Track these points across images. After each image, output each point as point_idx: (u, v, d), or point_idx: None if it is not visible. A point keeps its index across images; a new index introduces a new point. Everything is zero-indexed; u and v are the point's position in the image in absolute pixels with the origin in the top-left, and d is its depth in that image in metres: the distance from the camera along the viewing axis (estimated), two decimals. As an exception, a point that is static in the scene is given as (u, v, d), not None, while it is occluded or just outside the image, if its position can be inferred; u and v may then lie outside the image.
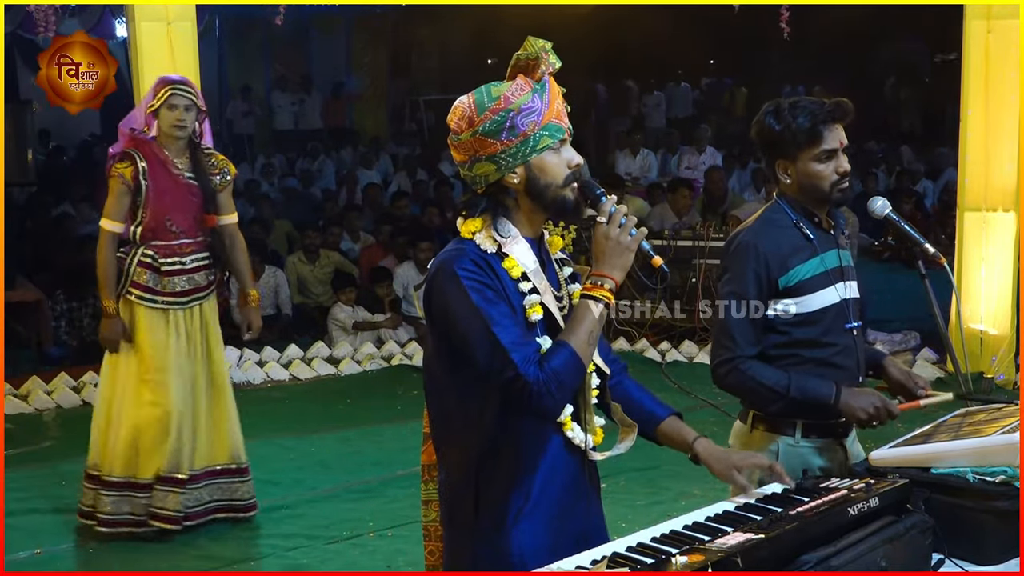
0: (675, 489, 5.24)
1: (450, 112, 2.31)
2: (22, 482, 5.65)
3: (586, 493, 2.43)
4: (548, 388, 2.19)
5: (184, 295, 4.83)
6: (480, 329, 2.20)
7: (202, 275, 4.88)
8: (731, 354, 2.83)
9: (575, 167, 2.30)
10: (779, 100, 2.92)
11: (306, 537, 4.90)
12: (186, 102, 4.73)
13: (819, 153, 2.83)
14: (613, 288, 2.26)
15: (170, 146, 4.78)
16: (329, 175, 13.59)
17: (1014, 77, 6.73)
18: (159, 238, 4.79)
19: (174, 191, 4.78)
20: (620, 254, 2.24)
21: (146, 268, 4.79)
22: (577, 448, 2.36)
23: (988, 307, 7.11)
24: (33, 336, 8.52)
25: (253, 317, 5.06)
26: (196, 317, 4.87)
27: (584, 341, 2.24)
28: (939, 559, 2.30)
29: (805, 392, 2.79)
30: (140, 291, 4.79)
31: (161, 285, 4.79)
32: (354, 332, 8.57)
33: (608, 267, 2.25)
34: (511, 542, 2.30)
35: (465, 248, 2.29)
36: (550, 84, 2.29)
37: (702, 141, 12.70)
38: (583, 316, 2.25)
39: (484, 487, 2.32)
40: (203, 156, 4.87)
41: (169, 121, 4.72)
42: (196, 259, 4.85)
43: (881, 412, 2.77)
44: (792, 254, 2.85)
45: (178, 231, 4.81)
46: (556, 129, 2.28)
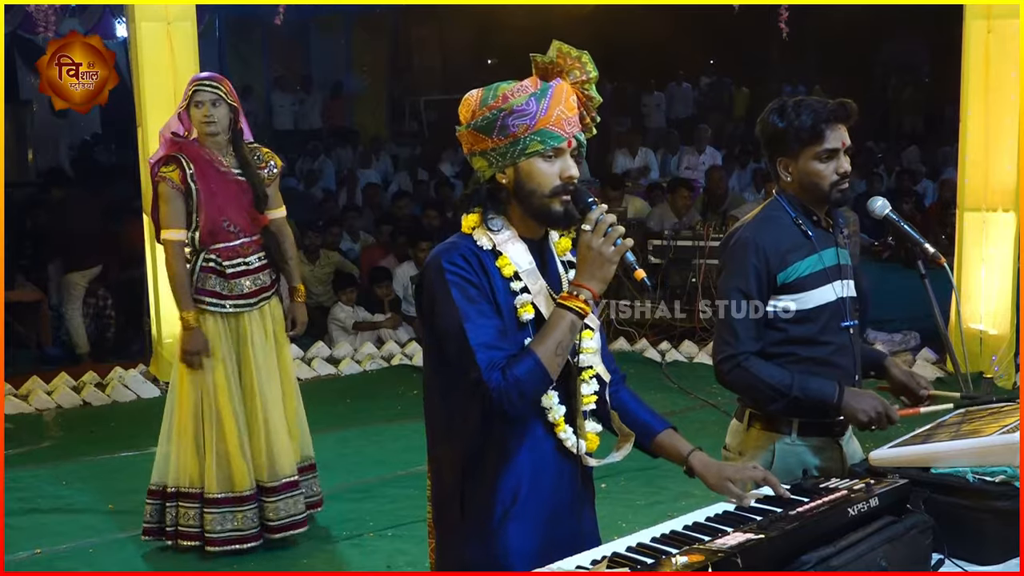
0: (675, 489, 5.24)
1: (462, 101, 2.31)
2: (22, 482, 5.66)
3: (579, 498, 2.41)
4: (508, 396, 2.16)
5: (252, 296, 4.67)
6: (455, 326, 2.20)
7: (266, 273, 4.72)
8: (733, 350, 2.83)
9: (568, 179, 2.24)
10: (784, 98, 2.93)
11: (306, 537, 4.89)
12: (212, 97, 4.53)
13: (820, 152, 2.84)
14: (589, 299, 2.21)
15: (211, 145, 4.59)
16: (329, 175, 13.58)
17: (1014, 77, 6.73)
18: (219, 240, 4.59)
19: (226, 190, 4.59)
20: (600, 265, 2.19)
21: (211, 272, 4.60)
22: (570, 452, 2.35)
23: (988, 307, 7.11)
24: (33, 336, 8.53)
25: (299, 313, 4.91)
26: (268, 316, 4.74)
27: (551, 351, 2.18)
28: (939, 559, 2.30)
29: (808, 391, 2.79)
30: (209, 296, 4.61)
31: (228, 288, 4.61)
32: (354, 332, 8.58)
33: (587, 277, 2.20)
34: (497, 543, 2.29)
35: (459, 243, 2.28)
36: (556, 91, 2.23)
37: (702, 141, 12.71)
38: (554, 325, 2.20)
39: (470, 487, 2.31)
40: (248, 151, 4.67)
41: (197, 119, 4.56)
42: (259, 257, 4.69)
43: (882, 416, 2.77)
44: (791, 250, 2.86)
45: (236, 231, 4.62)
46: (551, 136, 2.22)
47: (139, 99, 6.94)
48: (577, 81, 2.27)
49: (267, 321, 4.73)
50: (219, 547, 4.58)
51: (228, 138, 4.64)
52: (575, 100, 2.27)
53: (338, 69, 16.52)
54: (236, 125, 4.65)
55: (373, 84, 16.54)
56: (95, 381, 7.47)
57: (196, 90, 4.56)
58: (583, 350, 2.36)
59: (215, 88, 4.56)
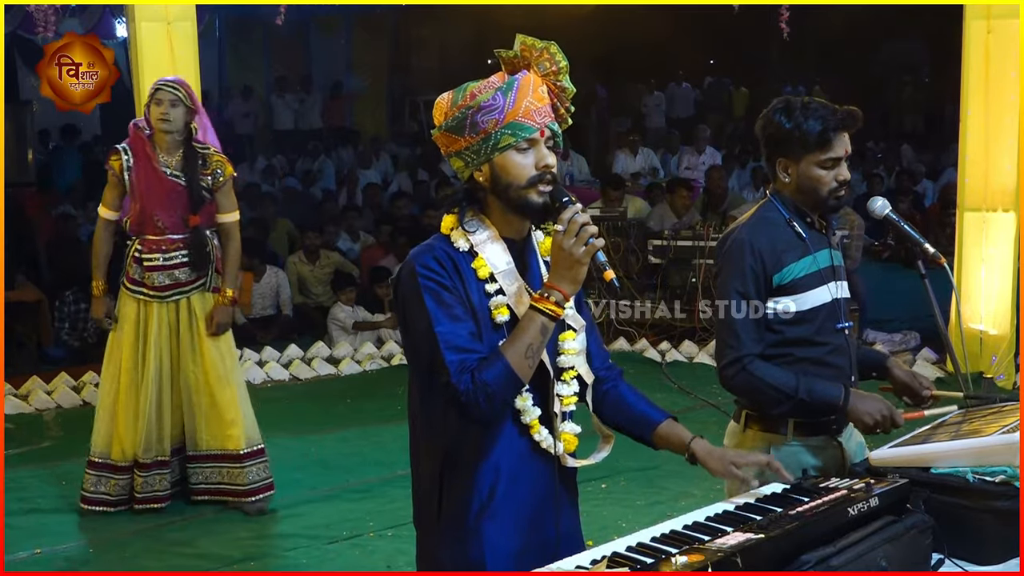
0: (675, 489, 5.24)
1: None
2: (22, 482, 5.66)
3: (558, 498, 2.37)
4: (476, 399, 2.15)
5: (164, 289, 5.01)
6: (426, 329, 2.19)
7: (184, 271, 5.04)
8: (737, 353, 2.81)
9: (544, 168, 2.22)
10: (789, 98, 2.90)
11: (306, 537, 4.90)
12: (171, 97, 4.90)
13: (824, 160, 2.83)
14: (560, 301, 2.17)
15: (161, 143, 4.95)
16: (329, 175, 13.58)
17: (1014, 77, 6.73)
18: (146, 232, 5.00)
19: (157, 187, 4.94)
20: (570, 266, 2.15)
21: (133, 261, 5.03)
22: (547, 452, 2.33)
23: (988, 307, 7.11)
24: (33, 336, 8.53)
25: (217, 314, 5.09)
26: (184, 311, 5.04)
27: (521, 354, 2.16)
28: (939, 559, 2.30)
29: (813, 394, 2.78)
30: (129, 282, 5.05)
31: (143, 278, 5.01)
32: (354, 332, 8.58)
33: (558, 278, 2.17)
34: (472, 544, 2.28)
35: (434, 246, 2.27)
36: (523, 83, 2.22)
37: (702, 141, 12.71)
38: (524, 328, 2.17)
39: (447, 488, 2.31)
40: (195, 155, 4.98)
41: (155, 116, 4.90)
42: (182, 255, 5.02)
43: (887, 419, 2.77)
44: (786, 251, 2.85)
45: (163, 227, 4.98)
46: (521, 128, 2.20)
47: (139, 99, 6.93)
48: (548, 72, 2.26)
49: (182, 314, 5.04)
50: (87, 505, 5.12)
51: (179, 139, 4.97)
52: (545, 91, 2.26)
53: (338, 69, 16.52)
54: (194, 128, 5.00)
55: (373, 84, 16.54)
56: (95, 381, 7.45)
57: (157, 89, 4.94)
58: (564, 351, 2.34)
59: (175, 90, 4.93)
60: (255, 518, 5.10)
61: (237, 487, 5.14)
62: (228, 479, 5.16)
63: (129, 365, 5.02)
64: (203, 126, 5.09)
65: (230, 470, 5.15)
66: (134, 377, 5.03)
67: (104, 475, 5.10)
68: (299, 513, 5.22)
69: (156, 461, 5.07)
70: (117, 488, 5.09)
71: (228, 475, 5.15)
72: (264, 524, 5.07)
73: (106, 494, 5.09)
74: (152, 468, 5.07)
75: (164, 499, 5.13)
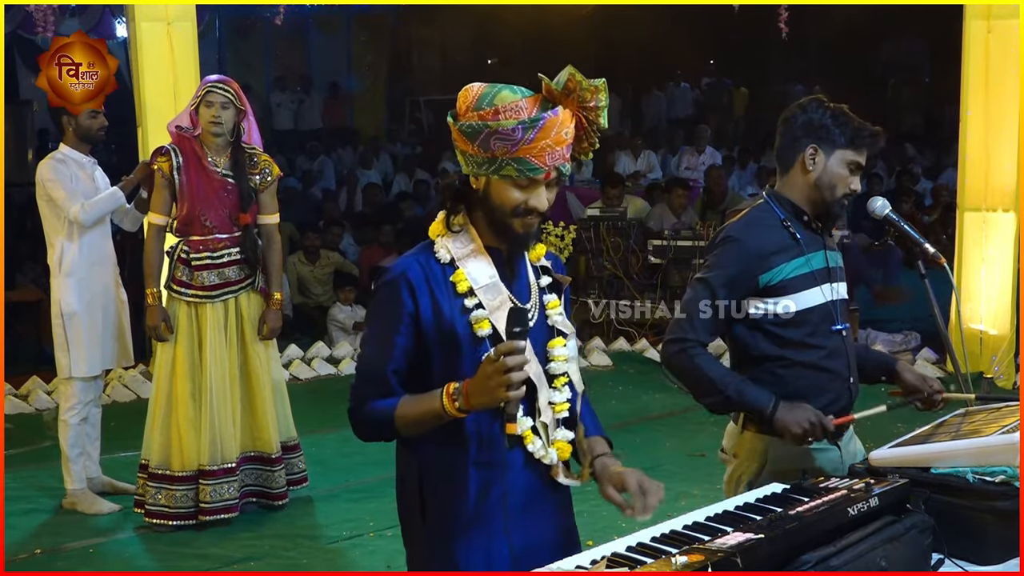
0: (675, 489, 5.24)
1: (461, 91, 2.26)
2: (22, 482, 5.66)
3: (548, 504, 2.37)
4: (359, 428, 2.31)
5: (214, 288, 4.94)
6: (363, 342, 2.35)
7: (235, 269, 4.98)
8: (685, 335, 2.81)
9: (530, 208, 2.21)
10: (820, 97, 2.92)
11: (306, 537, 4.90)
12: (222, 99, 4.86)
13: (852, 161, 2.85)
14: (463, 409, 2.14)
15: (210, 143, 4.92)
16: (329, 175, 13.58)
17: (1014, 77, 6.73)
18: (193, 232, 4.92)
19: (207, 187, 4.90)
20: (484, 396, 2.11)
21: (180, 262, 4.95)
22: (532, 459, 2.31)
23: (988, 307, 7.12)
24: (33, 336, 8.52)
25: (270, 318, 5.08)
26: (232, 311, 4.99)
27: (408, 422, 2.23)
28: (939, 559, 2.30)
29: (743, 395, 2.77)
30: (176, 285, 4.95)
31: (191, 278, 4.92)
32: (354, 332, 8.58)
33: (471, 395, 2.12)
34: (458, 549, 2.28)
35: (413, 261, 2.28)
36: (548, 124, 2.15)
37: (702, 141, 12.70)
38: (427, 407, 2.19)
39: (429, 493, 2.31)
40: (244, 155, 4.97)
41: (206, 118, 4.86)
42: (230, 254, 4.96)
43: (816, 427, 2.73)
44: (776, 252, 2.83)
45: (212, 226, 4.92)
46: (528, 166, 2.17)
47: (139, 99, 6.94)
48: (587, 107, 2.21)
49: (231, 315, 4.98)
50: (151, 519, 4.92)
51: (230, 140, 4.94)
52: (570, 132, 2.20)
53: (338, 69, 16.52)
54: (242, 129, 4.97)
55: (373, 84, 16.54)
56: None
57: (208, 91, 4.88)
58: (555, 357, 2.33)
59: (226, 91, 4.88)
60: (255, 518, 5.10)
61: (269, 490, 5.14)
62: (262, 481, 5.14)
63: (185, 371, 4.91)
64: (250, 125, 5.08)
65: (263, 472, 5.13)
66: (192, 384, 4.93)
67: (164, 487, 4.92)
68: (299, 513, 5.22)
69: (223, 468, 4.95)
70: (174, 500, 4.91)
71: (262, 478, 5.14)
72: (264, 524, 5.07)
73: (164, 506, 4.91)
74: (219, 476, 4.93)
75: (233, 508, 4.98)
